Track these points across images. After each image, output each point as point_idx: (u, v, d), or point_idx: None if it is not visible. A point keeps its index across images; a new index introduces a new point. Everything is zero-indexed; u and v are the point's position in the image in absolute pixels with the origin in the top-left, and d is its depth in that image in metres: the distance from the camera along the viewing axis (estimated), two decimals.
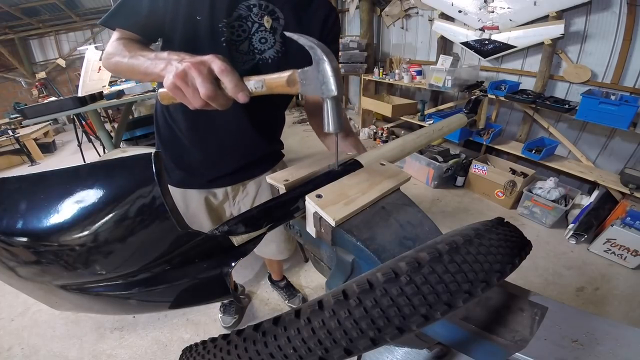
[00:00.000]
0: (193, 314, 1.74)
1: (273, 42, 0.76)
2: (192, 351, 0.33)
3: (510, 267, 0.28)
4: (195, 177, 0.95)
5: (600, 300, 1.72)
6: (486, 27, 2.55)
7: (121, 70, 0.65)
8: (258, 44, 0.75)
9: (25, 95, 6.08)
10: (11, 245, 0.33)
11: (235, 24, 0.71)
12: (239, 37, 0.73)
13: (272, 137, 0.99)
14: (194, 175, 0.94)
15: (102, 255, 0.34)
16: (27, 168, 4.19)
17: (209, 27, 0.69)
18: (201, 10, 0.68)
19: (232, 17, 0.70)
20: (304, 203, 0.44)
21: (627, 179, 1.96)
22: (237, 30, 0.72)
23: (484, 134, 2.64)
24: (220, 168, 0.94)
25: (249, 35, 0.74)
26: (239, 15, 0.71)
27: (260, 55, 0.76)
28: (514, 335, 0.31)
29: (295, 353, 0.24)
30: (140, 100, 2.97)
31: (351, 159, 0.54)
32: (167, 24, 0.70)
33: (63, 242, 0.32)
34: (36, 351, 1.59)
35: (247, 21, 0.72)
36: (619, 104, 1.85)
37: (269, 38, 0.76)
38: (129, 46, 0.64)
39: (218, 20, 0.69)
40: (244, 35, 0.73)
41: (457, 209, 2.56)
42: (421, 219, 0.43)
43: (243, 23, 0.72)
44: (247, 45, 0.74)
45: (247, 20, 0.72)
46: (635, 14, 1.90)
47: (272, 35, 0.76)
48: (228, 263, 0.39)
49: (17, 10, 5.07)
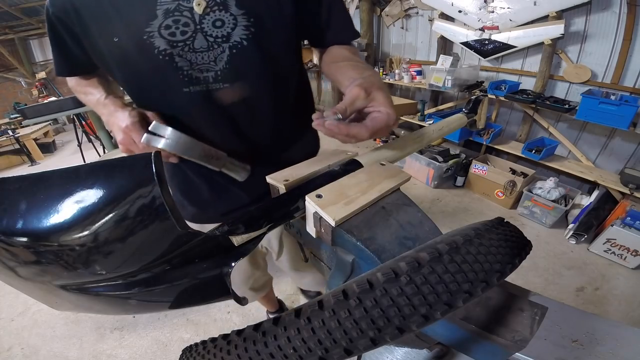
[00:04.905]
0: (193, 314, 1.74)
1: (232, 19, 0.57)
2: (192, 351, 0.33)
3: (510, 267, 0.28)
4: (207, 211, 0.82)
5: (600, 300, 1.72)
6: (486, 27, 2.55)
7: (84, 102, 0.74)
8: (214, 30, 0.57)
9: (25, 95, 6.08)
10: (11, 245, 0.33)
11: (169, 23, 0.55)
12: (185, 35, 0.56)
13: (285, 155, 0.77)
14: (207, 209, 0.82)
15: (102, 255, 0.34)
16: (27, 168, 4.19)
17: (133, 45, 0.56)
18: (115, 28, 0.56)
19: (158, 18, 0.55)
20: (304, 203, 0.44)
21: (627, 179, 1.96)
22: (179, 29, 0.56)
23: (484, 134, 2.64)
24: (233, 200, 0.79)
25: (197, 27, 0.56)
26: (165, 10, 0.54)
27: (228, 43, 0.58)
28: (514, 335, 0.31)
29: (295, 353, 0.24)
30: None
31: (351, 159, 0.54)
32: (96, 58, 0.62)
33: (63, 242, 0.32)
34: (36, 351, 1.59)
35: (181, 12, 0.55)
36: (619, 104, 1.85)
37: (224, 17, 0.57)
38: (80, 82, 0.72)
39: (139, 33, 0.55)
40: (190, 29, 0.56)
41: (457, 209, 2.56)
42: (421, 219, 0.43)
43: (178, 16, 0.55)
44: (203, 38, 0.57)
45: (181, 10, 0.55)
46: (635, 13, 1.90)
47: (225, 11, 0.56)
48: (228, 263, 0.39)
49: (17, 10, 5.07)
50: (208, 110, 0.64)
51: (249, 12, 0.58)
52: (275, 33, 0.62)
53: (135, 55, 0.57)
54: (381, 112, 0.50)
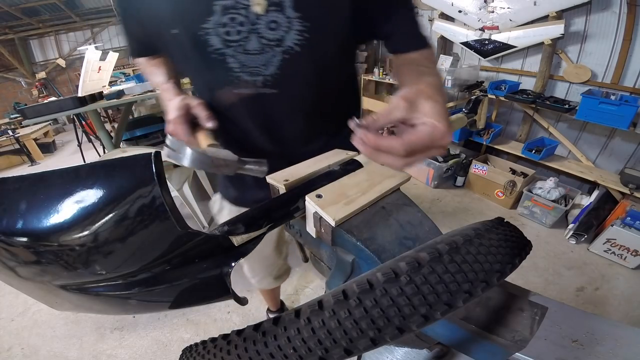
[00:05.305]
0: (193, 314, 1.74)
1: (287, 21, 0.53)
2: (192, 351, 0.33)
3: (510, 267, 0.29)
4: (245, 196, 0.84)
5: (600, 300, 1.72)
6: (486, 27, 2.54)
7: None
8: (268, 32, 0.54)
9: (25, 95, 6.08)
10: (11, 245, 0.33)
11: (226, 21, 0.53)
12: (240, 35, 0.54)
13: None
14: (245, 194, 0.83)
15: (102, 255, 0.34)
16: (27, 168, 4.19)
17: (188, 39, 0.55)
18: (174, 20, 0.55)
19: (216, 14, 0.52)
20: (304, 203, 0.44)
21: (627, 179, 1.95)
22: (234, 27, 0.53)
23: (484, 134, 2.64)
24: (268, 190, 0.82)
25: (252, 27, 0.53)
26: (223, 7, 0.52)
27: (281, 47, 0.55)
28: (514, 335, 0.32)
29: (295, 353, 0.24)
30: (140, 100, 2.97)
31: (351, 159, 0.54)
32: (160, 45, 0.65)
33: (63, 242, 0.32)
34: (36, 351, 1.59)
35: (238, 10, 0.52)
36: (619, 104, 1.85)
37: (279, 18, 0.53)
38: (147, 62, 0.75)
39: (194, 27, 0.54)
40: (245, 29, 0.53)
41: (457, 209, 2.56)
42: (421, 219, 0.43)
43: (234, 14, 0.52)
44: (256, 40, 0.54)
45: (238, 7, 0.52)
46: (635, 13, 1.90)
47: (281, 12, 0.52)
48: (228, 263, 0.39)
49: (17, 10, 5.07)
50: (254, 111, 0.66)
51: (305, 15, 0.53)
52: (330, 39, 0.59)
53: (190, 49, 0.58)
54: (425, 123, 0.39)
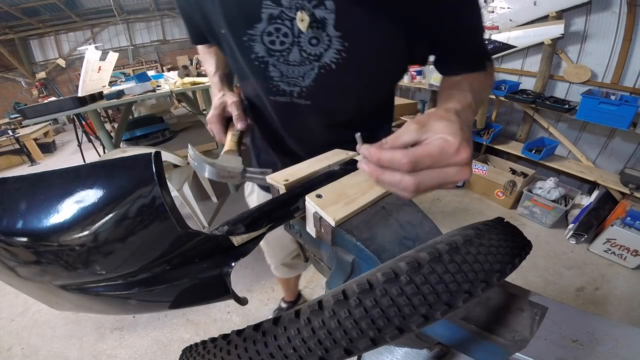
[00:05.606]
0: (193, 314, 1.74)
1: (327, 39, 0.54)
2: (192, 351, 0.33)
3: (510, 267, 0.29)
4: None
5: (600, 300, 1.72)
6: (486, 27, 2.55)
7: None
8: (309, 47, 0.56)
9: (25, 95, 6.08)
10: (11, 245, 0.33)
11: (271, 30, 0.55)
12: (283, 46, 0.56)
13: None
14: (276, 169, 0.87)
15: (102, 255, 0.34)
16: (27, 168, 4.20)
17: (234, 42, 0.58)
18: (223, 21, 0.57)
19: (262, 22, 0.54)
20: (304, 203, 0.44)
21: (627, 179, 1.96)
22: (279, 37, 0.55)
23: (484, 134, 2.64)
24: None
25: (295, 39, 0.55)
26: (270, 15, 0.53)
27: (319, 62, 0.57)
28: (514, 335, 0.31)
29: (295, 353, 0.24)
30: (140, 100, 2.97)
31: (351, 159, 0.54)
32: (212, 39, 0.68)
33: (63, 242, 0.32)
34: (36, 351, 1.59)
35: (283, 20, 0.54)
36: (619, 104, 1.85)
37: (320, 35, 0.54)
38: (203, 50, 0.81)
39: (241, 32, 0.56)
40: (289, 40, 0.56)
41: (457, 209, 2.56)
42: (421, 219, 0.43)
43: (279, 24, 0.54)
44: (298, 52, 0.56)
45: (283, 18, 0.54)
46: (635, 13, 1.90)
47: (322, 30, 0.54)
48: (228, 263, 0.39)
49: (17, 10, 5.08)
50: (287, 118, 0.70)
51: (345, 35, 0.54)
52: (368, 60, 0.59)
53: (235, 51, 0.61)
54: (435, 138, 0.36)
